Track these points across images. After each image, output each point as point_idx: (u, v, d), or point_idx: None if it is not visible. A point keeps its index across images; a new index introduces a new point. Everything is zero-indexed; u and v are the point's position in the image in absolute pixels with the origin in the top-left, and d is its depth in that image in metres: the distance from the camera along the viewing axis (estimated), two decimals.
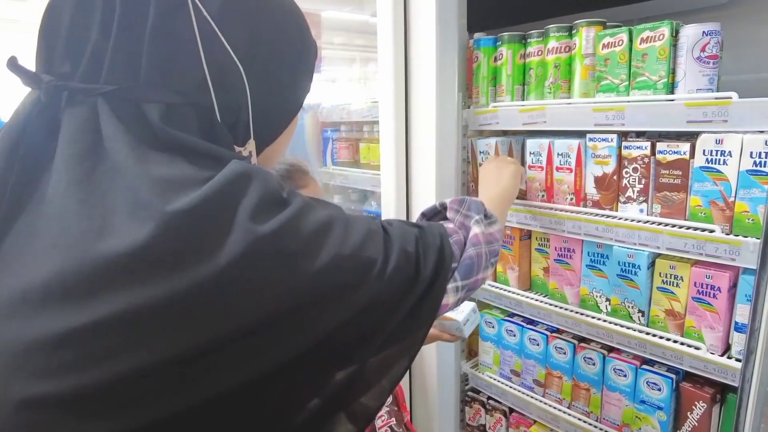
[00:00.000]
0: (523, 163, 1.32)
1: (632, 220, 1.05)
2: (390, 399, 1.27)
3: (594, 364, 1.18)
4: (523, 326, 1.33)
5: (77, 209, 0.46)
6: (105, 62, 0.52)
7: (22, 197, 0.49)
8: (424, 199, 1.38)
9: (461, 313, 1.14)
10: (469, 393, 1.51)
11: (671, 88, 0.99)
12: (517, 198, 1.34)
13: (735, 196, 0.92)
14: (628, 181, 1.07)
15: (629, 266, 1.07)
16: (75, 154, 0.49)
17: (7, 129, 0.51)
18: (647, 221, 1.03)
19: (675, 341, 1.02)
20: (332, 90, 2.28)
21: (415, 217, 1.44)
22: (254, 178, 0.51)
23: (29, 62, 0.54)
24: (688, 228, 0.97)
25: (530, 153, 1.25)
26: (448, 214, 0.83)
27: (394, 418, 1.25)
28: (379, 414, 1.24)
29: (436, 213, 0.90)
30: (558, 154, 1.18)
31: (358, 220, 0.58)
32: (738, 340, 0.94)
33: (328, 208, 0.57)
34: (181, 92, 0.54)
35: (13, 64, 0.51)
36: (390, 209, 1.46)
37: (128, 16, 0.52)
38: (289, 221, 0.50)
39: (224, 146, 0.56)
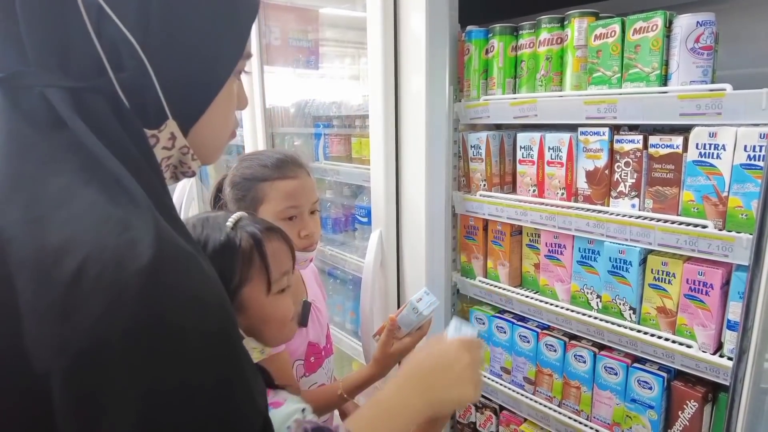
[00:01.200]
0: (513, 157, 1.29)
1: (624, 216, 1.03)
2: None
3: (585, 362, 1.16)
4: (513, 323, 1.31)
5: None
6: (7, 36, 0.48)
7: None
8: (414, 193, 1.36)
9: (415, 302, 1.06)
10: None
11: (664, 80, 0.97)
12: (508, 193, 1.32)
13: (728, 191, 0.89)
14: (620, 176, 1.05)
15: (621, 262, 1.05)
16: None
17: None
18: (639, 216, 1.01)
19: (666, 339, 1.00)
20: (327, 86, 2.26)
21: (405, 218, 1.42)
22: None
23: None
24: (681, 223, 0.95)
25: (521, 147, 1.23)
26: None
27: None
28: None
29: None
30: (549, 148, 1.16)
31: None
32: (730, 339, 0.92)
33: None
34: (82, 77, 0.49)
35: None
36: (380, 204, 1.43)
37: None
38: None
39: (134, 136, 0.51)
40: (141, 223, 0.45)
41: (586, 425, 1.17)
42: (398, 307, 1.46)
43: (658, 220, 0.98)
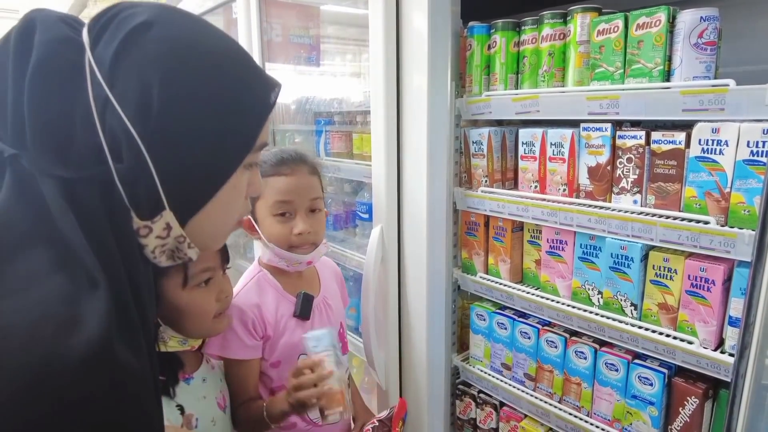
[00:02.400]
0: (515, 153, 1.29)
1: (625, 212, 1.03)
2: (384, 413, 1.24)
3: (585, 358, 1.16)
4: (514, 319, 1.31)
5: None
6: (8, 123, 0.50)
7: None
8: (415, 190, 1.36)
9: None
10: (460, 386, 1.49)
11: (667, 75, 0.96)
12: (510, 189, 1.32)
13: (731, 187, 0.89)
14: (622, 172, 1.04)
15: (622, 258, 1.05)
16: None
17: None
18: (641, 212, 1.01)
19: (668, 335, 1.00)
20: (328, 82, 2.25)
21: (406, 214, 1.42)
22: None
23: None
24: (683, 219, 0.95)
25: (523, 143, 1.22)
26: None
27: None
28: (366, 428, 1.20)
29: None
30: (551, 143, 1.16)
31: None
32: (732, 335, 0.92)
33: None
34: (80, 164, 0.50)
35: None
36: (381, 200, 1.43)
37: (16, 76, 0.50)
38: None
39: (120, 231, 0.52)
40: (89, 324, 0.45)
41: (586, 421, 1.17)
42: (398, 304, 1.46)
43: (660, 216, 0.98)
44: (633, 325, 1.05)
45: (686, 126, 0.96)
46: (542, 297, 1.22)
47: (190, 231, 0.58)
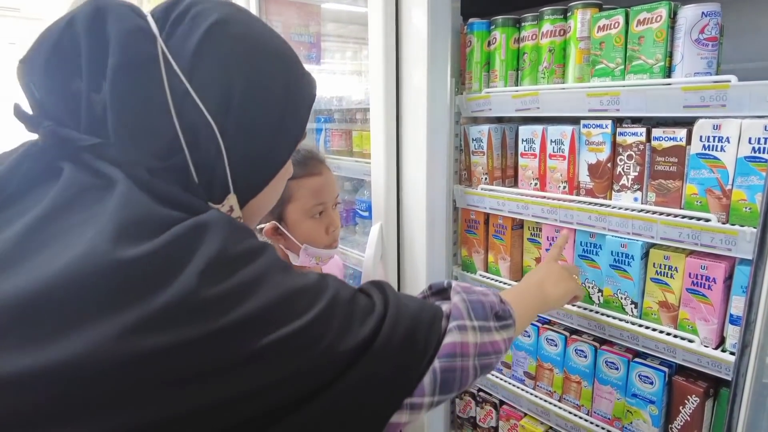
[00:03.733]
0: (515, 150, 1.29)
1: (626, 209, 1.02)
2: None
3: (585, 357, 1.15)
4: None
5: (20, 239, 0.44)
6: (82, 114, 0.51)
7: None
8: (415, 188, 1.35)
9: None
10: None
11: (668, 72, 0.95)
12: (510, 186, 1.31)
13: (732, 184, 0.88)
14: (623, 169, 1.04)
15: (622, 256, 1.05)
16: (61, 198, 0.47)
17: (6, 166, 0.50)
18: (641, 210, 1.00)
19: (668, 334, 1.00)
20: (330, 81, 2.25)
21: (405, 211, 1.41)
22: (214, 231, 0.47)
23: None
24: (683, 217, 0.94)
25: (523, 140, 1.22)
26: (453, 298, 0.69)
27: None
28: None
29: (442, 290, 0.77)
30: (551, 141, 1.15)
31: (325, 297, 0.53)
32: (733, 333, 0.92)
33: (299, 279, 0.52)
34: (157, 155, 0.52)
35: (17, 112, 0.51)
36: (380, 199, 1.42)
37: (93, 68, 0.51)
38: (243, 286, 0.46)
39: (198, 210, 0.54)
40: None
41: (586, 420, 1.16)
42: None
43: (661, 214, 0.97)
44: (633, 324, 1.04)
45: (687, 123, 0.96)
46: None
47: (246, 212, 0.62)
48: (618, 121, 1.05)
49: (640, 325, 1.03)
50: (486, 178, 1.29)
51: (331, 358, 0.51)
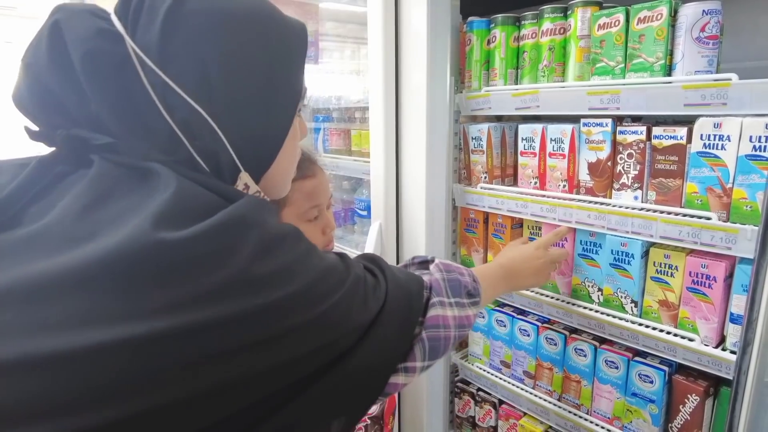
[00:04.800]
0: (515, 149, 1.28)
1: (626, 208, 1.02)
2: (375, 408, 1.23)
3: (585, 356, 1.15)
4: (513, 316, 1.30)
5: (71, 222, 0.46)
6: (82, 124, 0.52)
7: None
8: (414, 187, 1.35)
9: None
10: (459, 384, 1.49)
11: (668, 70, 0.95)
12: (509, 185, 1.31)
13: (733, 183, 0.88)
14: (623, 168, 1.03)
15: (622, 255, 1.04)
16: (89, 191, 0.49)
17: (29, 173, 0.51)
18: (641, 208, 1.00)
19: (668, 332, 0.99)
20: (329, 80, 2.24)
21: (405, 210, 1.41)
22: (251, 221, 0.49)
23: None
24: (684, 215, 0.94)
25: (522, 139, 1.21)
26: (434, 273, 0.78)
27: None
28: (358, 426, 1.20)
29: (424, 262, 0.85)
30: (551, 139, 1.15)
31: (351, 275, 0.58)
32: (733, 332, 0.91)
33: (326, 259, 0.57)
34: (162, 151, 0.52)
35: (29, 133, 0.53)
36: (379, 197, 1.42)
37: (69, 82, 0.51)
38: (283, 270, 0.50)
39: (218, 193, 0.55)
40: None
41: (586, 419, 1.16)
42: None
43: (661, 212, 0.97)
44: (633, 323, 1.04)
45: (688, 121, 0.95)
46: (541, 294, 1.21)
47: (264, 185, 0.62)
48: (618, 120, 1.05)
49: (640, 324, 1.03)
50: (485, 177, 1.29)
51: (353, 328, 0.57)
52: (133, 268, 0.42)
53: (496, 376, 1.36)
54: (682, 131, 0.94)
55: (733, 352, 0.90)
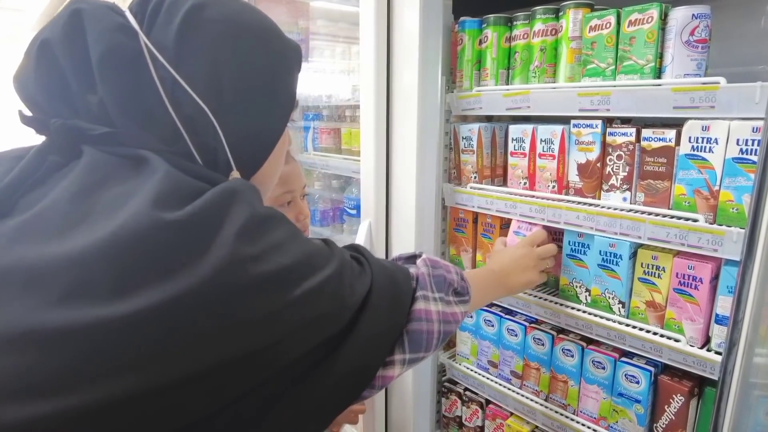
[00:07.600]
0: (505, 149, 1.29)
1: (615, 209, 1.02)
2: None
3: (572, 356, 1.15)
4: (501, 316, 1.30)
5: (65, 206, 0.48)
6: (82, 115, 0.54)
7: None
8: (404, 186, 1.34)
9: None
10: (446, 384, 1.49)
11: (658, 72, 0.96)
12: (499, 185, 1.31)
13: (720, 185, 0.89)
14: (612, 169, 1.04)
15: (610, 256, 1.05)
16: (84, 179, 0.50)
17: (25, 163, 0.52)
18: (629, 210, 1.01)
19: (655, 333, 1.00)
20: (319, 78, 2.23)
21: (394, 209, 1.41)
22: (242, 197, 0.51)
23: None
24: (671, 217, 0.95)
25: (513, 139, 1.22)
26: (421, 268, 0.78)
27: None
28: None
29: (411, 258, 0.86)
30: (541, 140, 1.15)
31: (336, 257, 0.59)
32: (718, 333, 0.92)
33: (311, 241, 0.59)
34: (162, 141, 0.54)
35: (23, 118, 0.54)
36: (369, 196, 1.41)
37: (81, 71, 0.53)
38: (274, 245, 0.51)
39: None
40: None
41: (572, 419, 1.17)
42: None
43: (649, 214, 0.98)
44: (620, 323, 1.05)
45: (676, 124, 0.96)
46: (530, 294, 1.21)
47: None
48: (608, 121, 1.06)
49: (627, 325, 1.04)
50: (475, 177, 1.29)
51: (343, 310, 0.58)
52: (137, 247, 0.44)
53: (484, 376, 1.36)
54: (670, 133, 0.95)
55: (718, 353, 0.91)
